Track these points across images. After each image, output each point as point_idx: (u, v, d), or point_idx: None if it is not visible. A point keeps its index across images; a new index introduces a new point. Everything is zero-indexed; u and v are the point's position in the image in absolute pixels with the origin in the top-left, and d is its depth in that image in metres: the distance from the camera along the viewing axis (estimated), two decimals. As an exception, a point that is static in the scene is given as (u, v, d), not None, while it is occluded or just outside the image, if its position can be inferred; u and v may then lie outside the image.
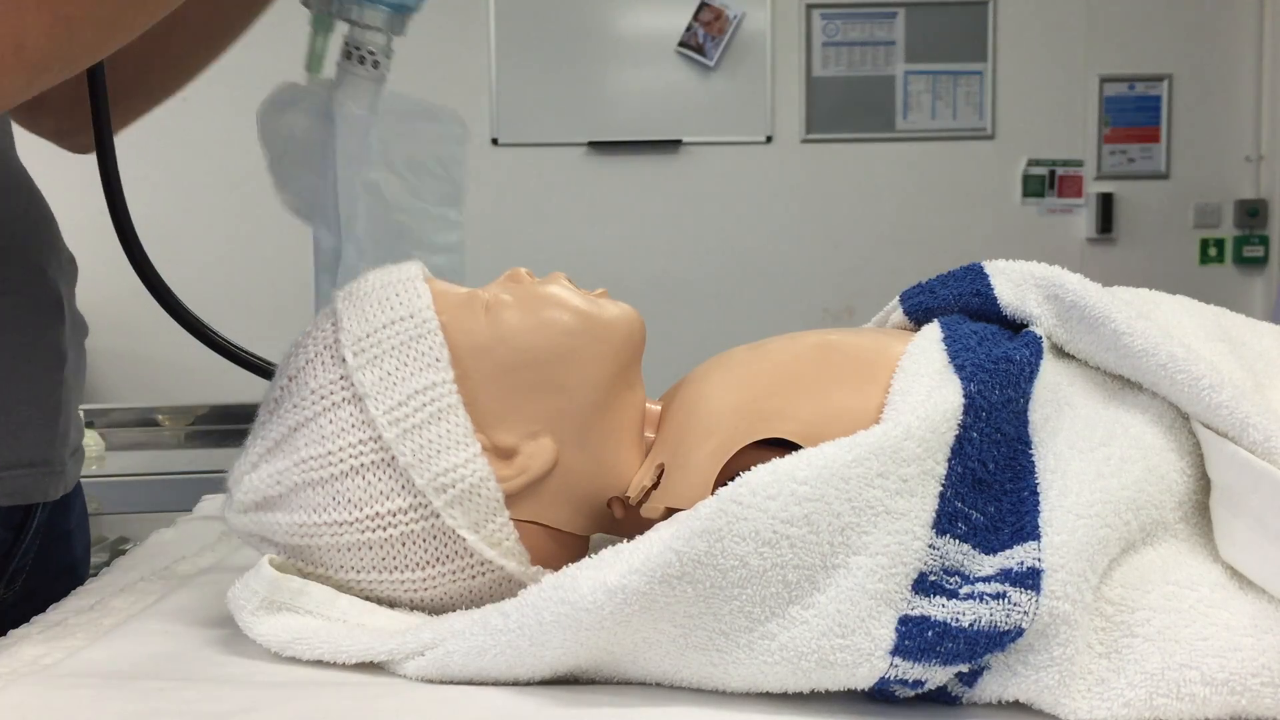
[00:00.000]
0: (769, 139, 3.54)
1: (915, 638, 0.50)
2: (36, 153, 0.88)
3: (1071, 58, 3.56)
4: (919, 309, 0.71)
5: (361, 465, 0.61)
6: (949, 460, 0.55)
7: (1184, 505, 0.57)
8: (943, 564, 0.52)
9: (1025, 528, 0.53)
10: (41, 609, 0.70)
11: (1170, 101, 3.58)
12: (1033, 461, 0.57)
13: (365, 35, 0.80)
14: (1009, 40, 3.53)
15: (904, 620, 0.51)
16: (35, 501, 0.79)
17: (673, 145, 3.52)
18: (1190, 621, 0.51)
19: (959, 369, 0.59)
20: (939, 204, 3.56)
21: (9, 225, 0.77)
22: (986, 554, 0.53)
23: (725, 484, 0.53)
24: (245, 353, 0.80)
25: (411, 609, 0.64)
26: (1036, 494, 0.55)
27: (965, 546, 0.53)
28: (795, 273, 3.55)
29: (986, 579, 0.51)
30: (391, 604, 0.64)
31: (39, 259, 0.78)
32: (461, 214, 0.88)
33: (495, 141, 3.47)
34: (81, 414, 0.89)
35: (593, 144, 3.50)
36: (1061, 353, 0.64)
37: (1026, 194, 3.58)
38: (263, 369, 0.75)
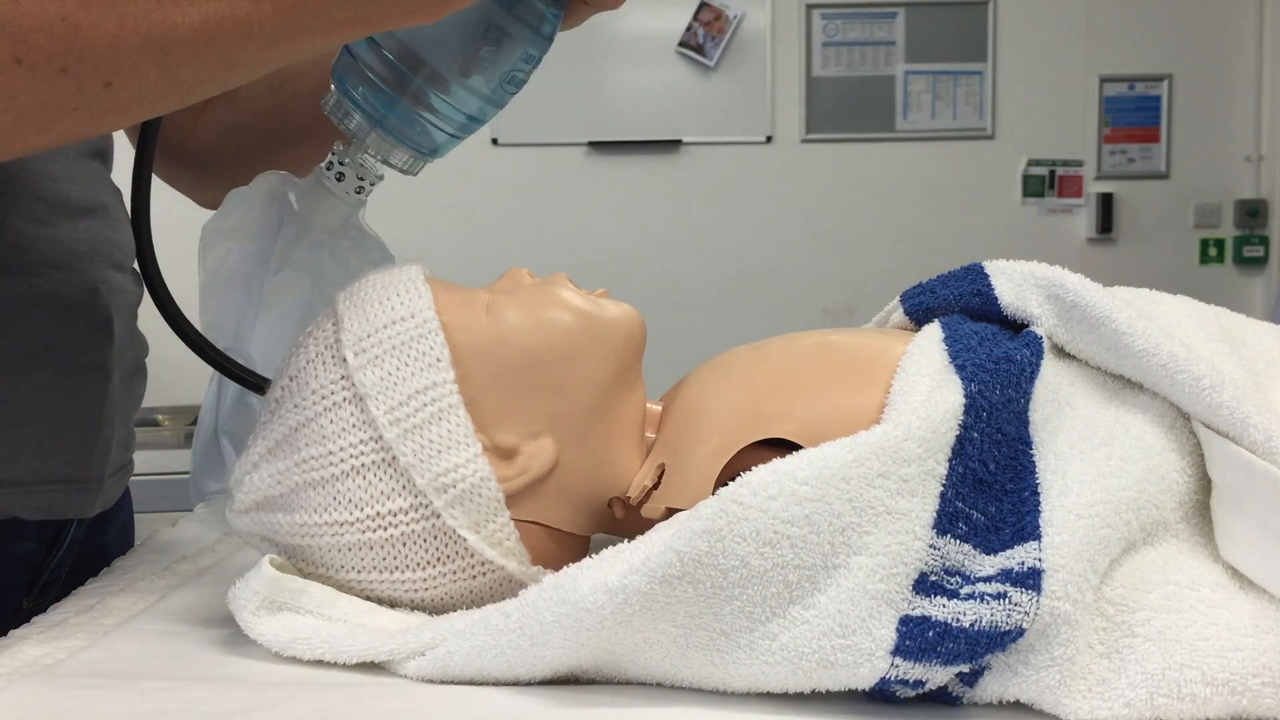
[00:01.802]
0: (769, 139, 3.54)
1: (916, 638, 0.50)
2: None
3: (1071, 58, 3.56)
4: (919, 309, 0.71)
5: (362, 465, 0.61)
6: (950, 460, 0.55)
7: (1185, 505, 0.57)
8: (943, 564, 0.52)
9: (1026, 528, 0.53)
10: None
11: (1170, 101, 3.58)
12: (1033, 461, 0.57)
13: (374, 167, 0.73)
14: (1009, 40, 3.53)
15: (905, 620, 0.51)
16: (69, 517, 0.80)
17: (673, 145, 3.52)
18: (1191, 621, 0.51)
19: (960, 369, 0.59)
20: (939, 204, 3.56)
21: (69, 244, 0.78)
22: (987, 554, 0.53)
23: (726, 484, 0.53)
24: (241, 368, 0.80)
25: (412, 609, 0.64)
26: (1037, 494, 0.55)
27: (966, 546, 0.53)
28: (795, 273, 3.55)
29: (987, 579, 0.51)
30: (392, 604, 0.64)
31: (94, 277, 0.79)
32: None
33: (495, 141, 3.47)
34: (134, 431, 0.89)
35: (593, 144, 3.50)
36: (1062, 353, 0.64)
37: (1026, 194, 3.58)
38: (256, 384, 0.75)
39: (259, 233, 0.78)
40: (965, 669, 0.51)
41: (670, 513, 0.61)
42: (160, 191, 0.82)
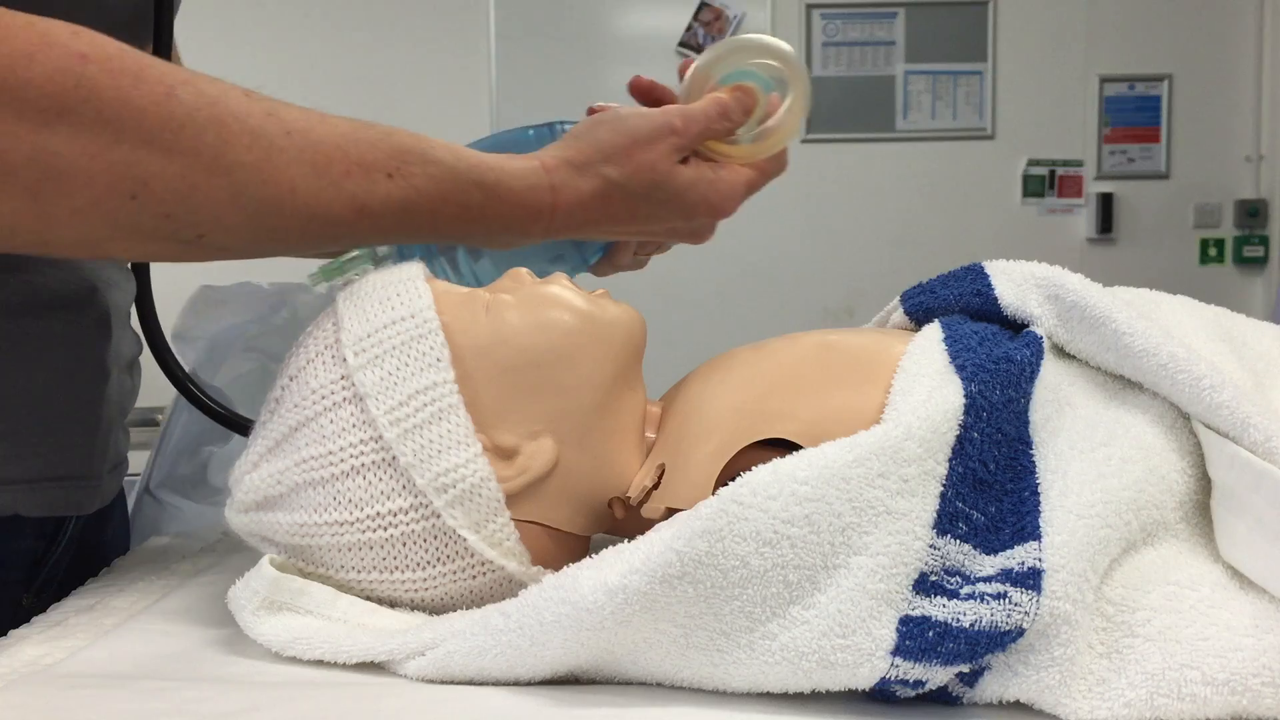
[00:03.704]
0: (769, 139, 3.53)
1: (916, 638, 0.50)
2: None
3: (1071, 58, 3.56)
4: (920, 309, 0.71)
5: (362, 465, 0.61)
6: (950, 460, 0.55)
7: (1185, 505, 0.57)
8: (943, 564, 0.52)
9: (1026, 528, 0.53)
10: None
11: (1170, 101, 3.58)
12: (1033, 461, 0.57)
13: None
14: (1009, 40, 3.53)
15: (905, 620, 0.51)
16: (69, 514, 0.80)
17: (673, 145, 3.51)
18: (1191, 621, 0.51)
19: (960, 369, 0.59)
20: (939, 204, 3.56)
21: None
22: (987, 554, 0.53)
23: (726, 484, 0.53)
24: (226, 409, 0.82)
25: (412, 609, 0.64)
26: (1037, 494, 0.55)
27: (966, 547, 0.53)
28: (795, 273, 3.55)
29: (987, 579, 0.51)
30: (392, 604, 0.64)
31: (91, 277, 0.79)
32: None
33: (495, 141, 3.47)
34: (128, 428, 0.90)
35: (593, 144, 3.50)
36: (1062, 353, 0.64)
37: (1026, 194, 3.58)
38: (242, 426, 0.76)
39: (246, 310, 0.92)
40: (965, 669, 0.51)
41: (670, 513, 0.61)
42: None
